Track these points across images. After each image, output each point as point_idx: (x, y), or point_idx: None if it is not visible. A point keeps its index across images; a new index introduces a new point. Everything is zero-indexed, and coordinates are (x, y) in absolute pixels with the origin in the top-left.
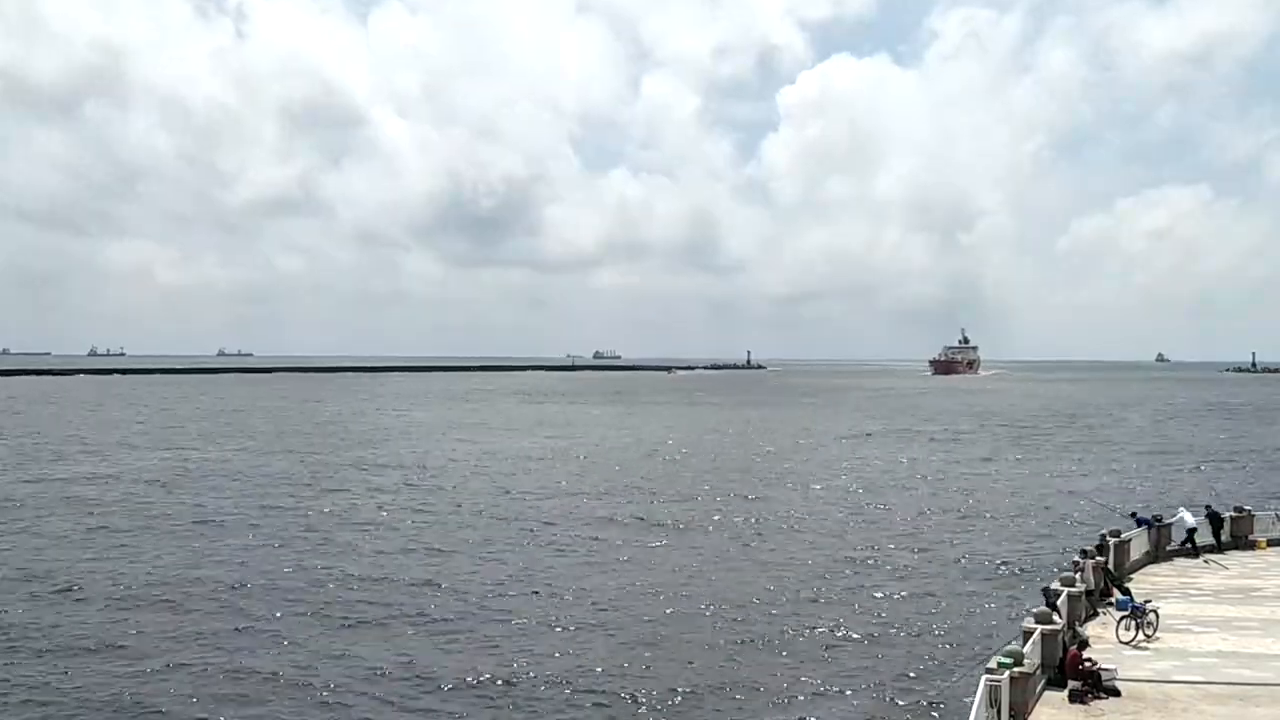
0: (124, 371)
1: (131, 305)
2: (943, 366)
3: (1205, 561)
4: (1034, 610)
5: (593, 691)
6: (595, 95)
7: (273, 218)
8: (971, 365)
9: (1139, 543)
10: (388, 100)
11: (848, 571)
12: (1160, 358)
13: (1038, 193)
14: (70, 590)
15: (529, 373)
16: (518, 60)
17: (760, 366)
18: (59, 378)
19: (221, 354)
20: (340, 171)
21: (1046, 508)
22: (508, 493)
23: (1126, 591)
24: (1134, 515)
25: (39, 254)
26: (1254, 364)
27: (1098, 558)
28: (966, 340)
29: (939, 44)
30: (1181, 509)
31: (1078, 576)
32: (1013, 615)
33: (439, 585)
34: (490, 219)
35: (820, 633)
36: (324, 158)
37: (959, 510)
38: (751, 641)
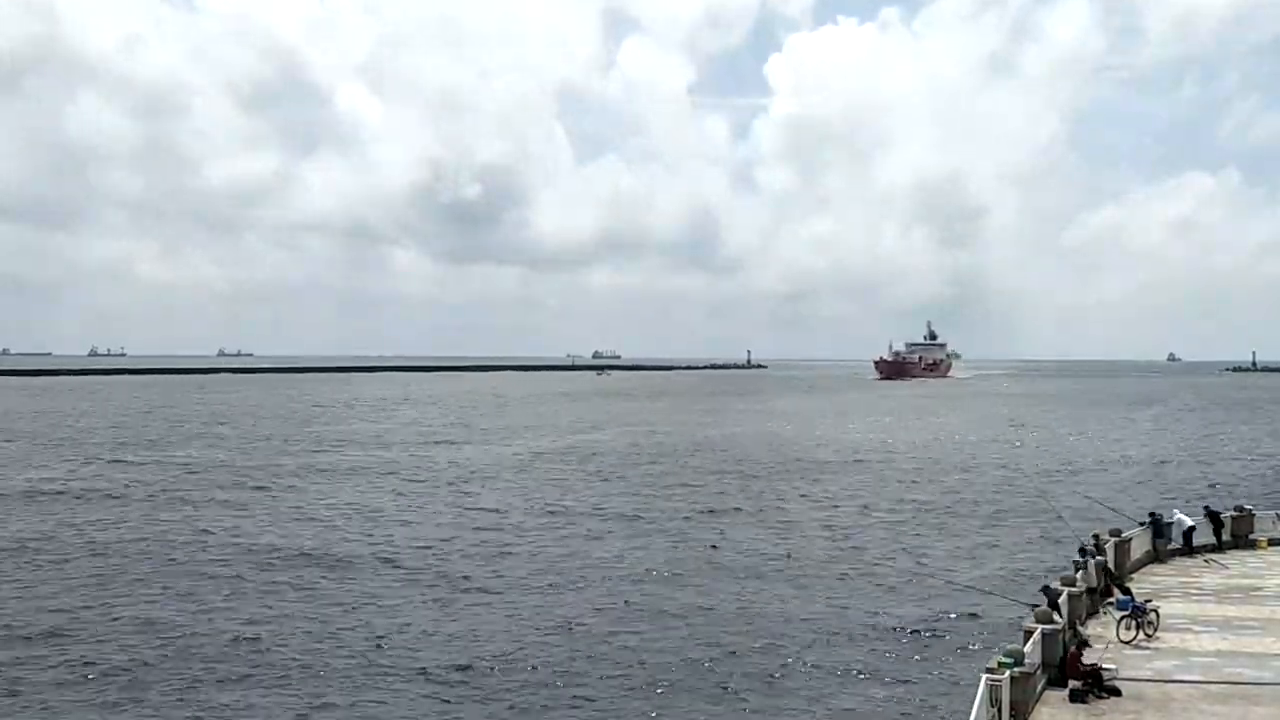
0: (124, 372)
1: (129, 305)
2: (891, 369)
3: (1206, 561)
4: (1035, 610)
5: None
6: (579, 72)
7: (255, 211)
8: (937, 366)
9: (1139, 542)
10: (358, 77)
11: (843, 571)
12: (1172, 357)
13: (1046, 181)
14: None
15: (530, 373)
16: (495, 34)
17: (761, 366)
18: (57, 378)
19: (222, 354)
20: (317, 161)
21: (1043, 509)
22: None
23: (1127, 591)
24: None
25: (28, 253)
26: (1254, 363)
27: (1098, 557)
28: (933, 336)
29: (940, 9)
30: (1177, 510)
31: (1078, 576)
32: (1012, 614)
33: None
34: (478, 212)
35: (818, 633)
36: (299, 145)
37: (957, 509)
38: (749, 640)
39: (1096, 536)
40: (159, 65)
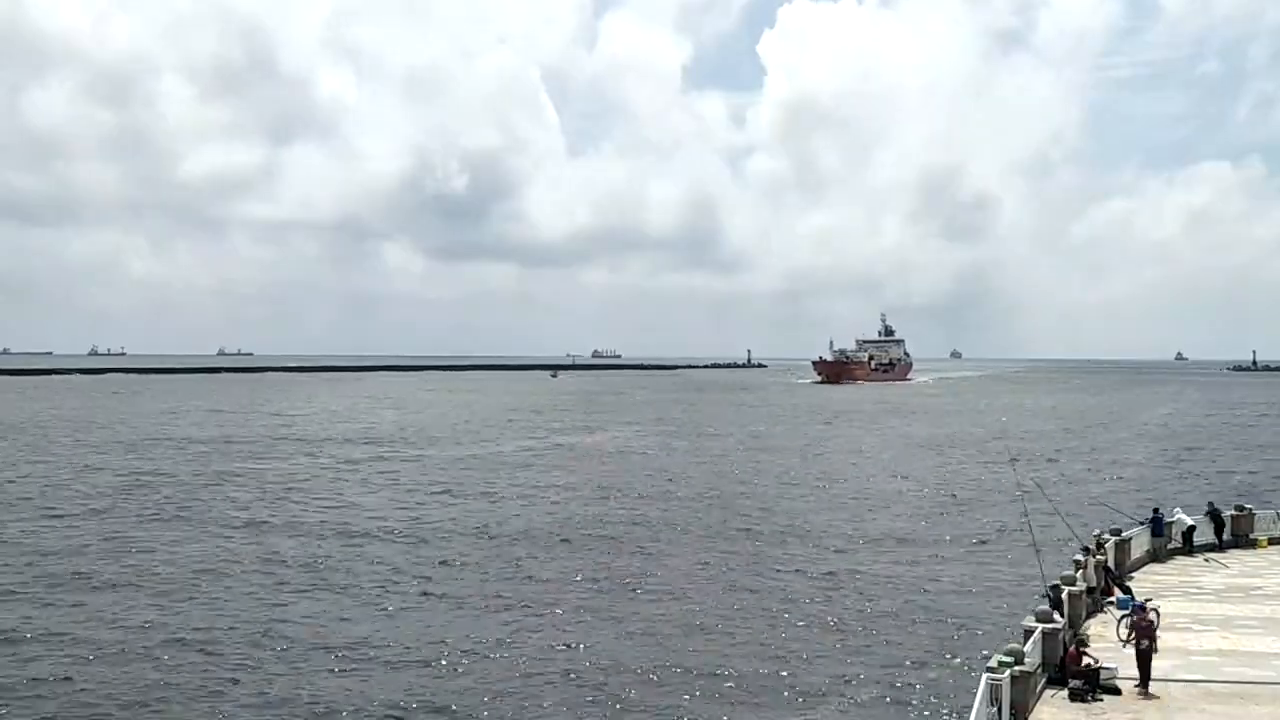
0: (124, 371)
1: (128, 305)
2: (832, 371)
3: (1206, 560)
4: (1035, 609)
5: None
6: (567, 53)
7: (244, 206)
8: (892, 368)
9: (1139, 541)
10: (339, 62)
11: (843, 572)
12: (1179, 356)
13: (1054, 170)
14: None
15: (525, 373)
16: (476, 16)
17: (761, 365)
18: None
19: (221, 353)
20: (302, 153)
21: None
22: None
23: (1127, 590)
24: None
25: (25, 253)
26: (1254, 363)
27: (1098, 556)
28: (890, 331)
29: None
30: (1178, 510)
31: (1078, 575)
32: (1013, 614)
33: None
34: (469, 206)
35: (819, 633)
36: (283, 137)
37: (956, 508)
38: (748, 639)
39: (1097, 535)
40: (131, 49)
